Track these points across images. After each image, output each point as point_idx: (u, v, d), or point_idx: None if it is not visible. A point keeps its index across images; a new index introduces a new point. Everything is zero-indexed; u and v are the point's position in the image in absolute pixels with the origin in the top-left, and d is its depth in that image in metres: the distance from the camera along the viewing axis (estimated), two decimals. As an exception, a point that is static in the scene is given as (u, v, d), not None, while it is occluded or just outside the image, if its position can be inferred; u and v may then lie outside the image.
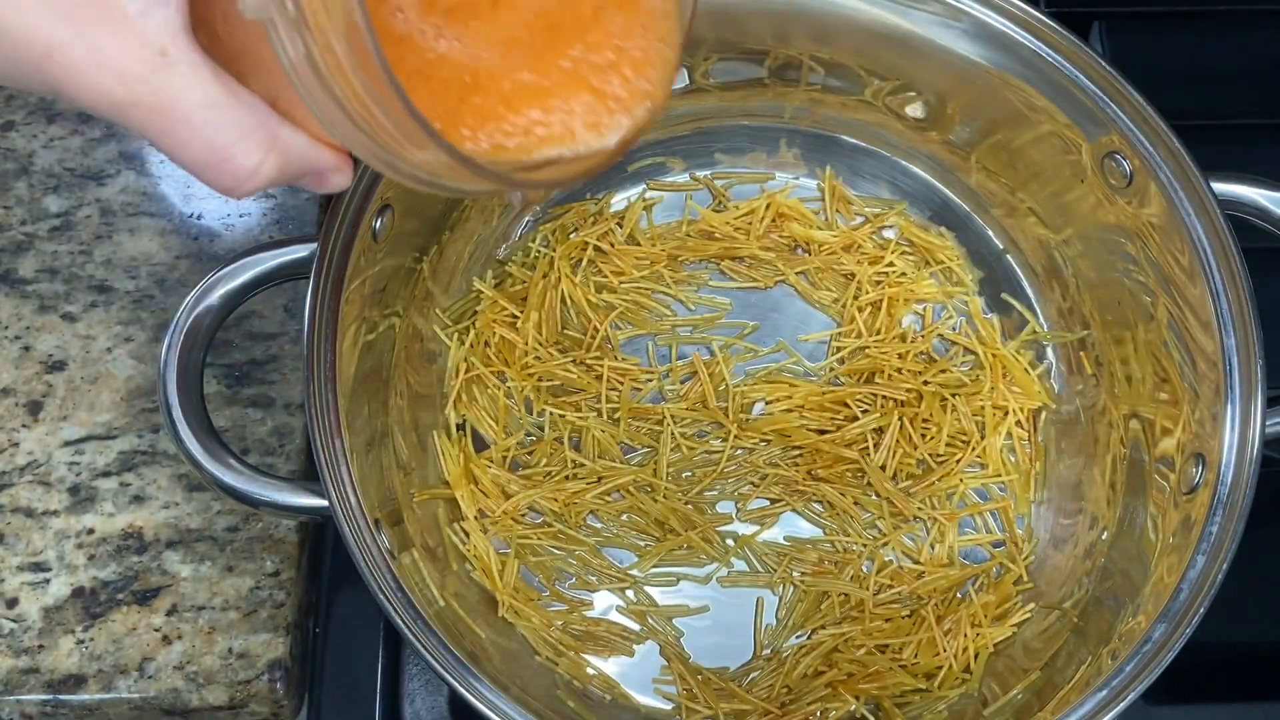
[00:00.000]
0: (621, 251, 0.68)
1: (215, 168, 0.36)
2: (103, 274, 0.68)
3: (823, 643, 0.60)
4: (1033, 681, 0.58)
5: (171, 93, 0.34)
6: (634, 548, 0.63)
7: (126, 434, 0.64)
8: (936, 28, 0.62)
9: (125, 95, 0.34)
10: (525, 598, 0.61)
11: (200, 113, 0.35)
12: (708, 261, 0.69)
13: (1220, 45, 0.77)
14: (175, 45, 0.34)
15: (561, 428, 0.65)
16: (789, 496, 0.63)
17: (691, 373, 0.66)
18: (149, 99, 0.34)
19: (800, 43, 0.66)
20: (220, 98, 0.35)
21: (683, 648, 0.61)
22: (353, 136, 0.35)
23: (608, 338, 0.66)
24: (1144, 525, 0.58)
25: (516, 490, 0.63)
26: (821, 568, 0.62)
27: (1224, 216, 0.56)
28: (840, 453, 0.64)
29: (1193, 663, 0.51)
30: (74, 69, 0.33)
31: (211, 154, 0.36)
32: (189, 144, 0.35)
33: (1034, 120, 0.62)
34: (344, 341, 0.55)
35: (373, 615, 0.61)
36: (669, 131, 0.70)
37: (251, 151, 0.36)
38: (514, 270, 0.68)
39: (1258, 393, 0.54)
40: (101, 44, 0.33)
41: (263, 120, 0.36)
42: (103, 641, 0.60)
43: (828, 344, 0.68)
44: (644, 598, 0.62)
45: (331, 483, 0.51)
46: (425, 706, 0.60)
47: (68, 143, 0.72)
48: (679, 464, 0.64)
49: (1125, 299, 0.62)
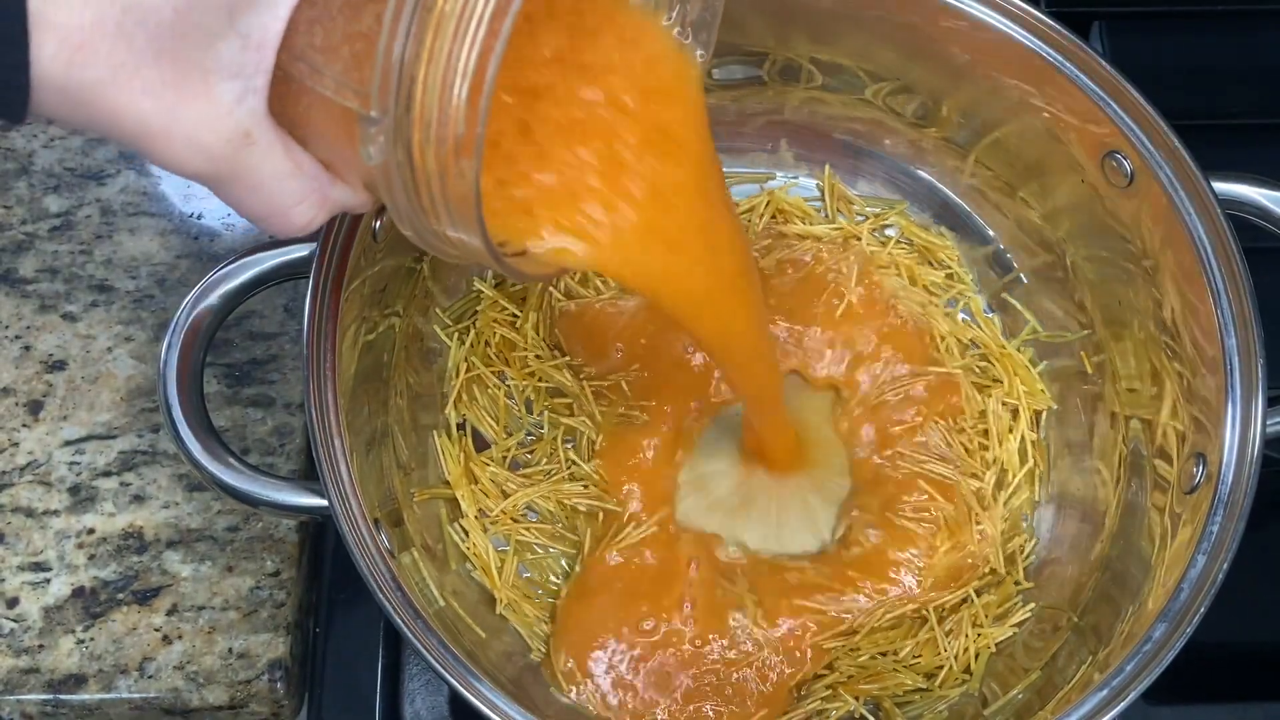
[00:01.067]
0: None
1: (270, 220, 0.40)
2: (103, 274, 0.68)
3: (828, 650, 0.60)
4: (1033, 681, 0.58)
5: (249, 167, 0.38)
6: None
7: (127, 434, 0.64)
8: (936, 27, 0.62)
9: (208, 169, 0.37)
10: (523, 595, 0.61)
11: (270, 183, 0.38)
12: None
13: (1220, 45, 0.77)
14: (259, 128, 0.37)
15: (558, 428, 0.65)
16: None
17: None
18: (228, 172, 0.37)
19: (799, 44, 0.66)
20: (288, 171, 0.39)
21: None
22: (411, 227, 0.40)
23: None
24: (1144, 525, 0.58)
25: (515, 489, 0.63)
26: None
27: (1224, 216, 0.56)
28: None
29: (1193, 663, 0.51)
30: (166, 144, 0.36)
31: (271, 213, 0.40)
32: (254, 204, 0.40)
33: (1034, 120, 0.62)
34: (344, 341, 0.55)
35: (373, 615, 0.61)
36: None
37: (306, 211, 0.40)
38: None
39: (1258, 392, 0.54)
40: (194, 127, 0.36)
41: (319, 185, 0.40)
42: (103, 641, 0.60)
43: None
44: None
45: (331, 483, 0.51)
46: (425, 706, 0.60)
47: (68, 142, 0.72)
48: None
49: (1125, 298, 0.62)
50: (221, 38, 0.35)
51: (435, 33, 0.36)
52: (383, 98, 0.36)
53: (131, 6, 0.33)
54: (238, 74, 0.36)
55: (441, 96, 0.36)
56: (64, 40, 0.32)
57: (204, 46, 0.34)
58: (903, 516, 0.61)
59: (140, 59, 0.33)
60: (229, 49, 0.35)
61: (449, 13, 0.35)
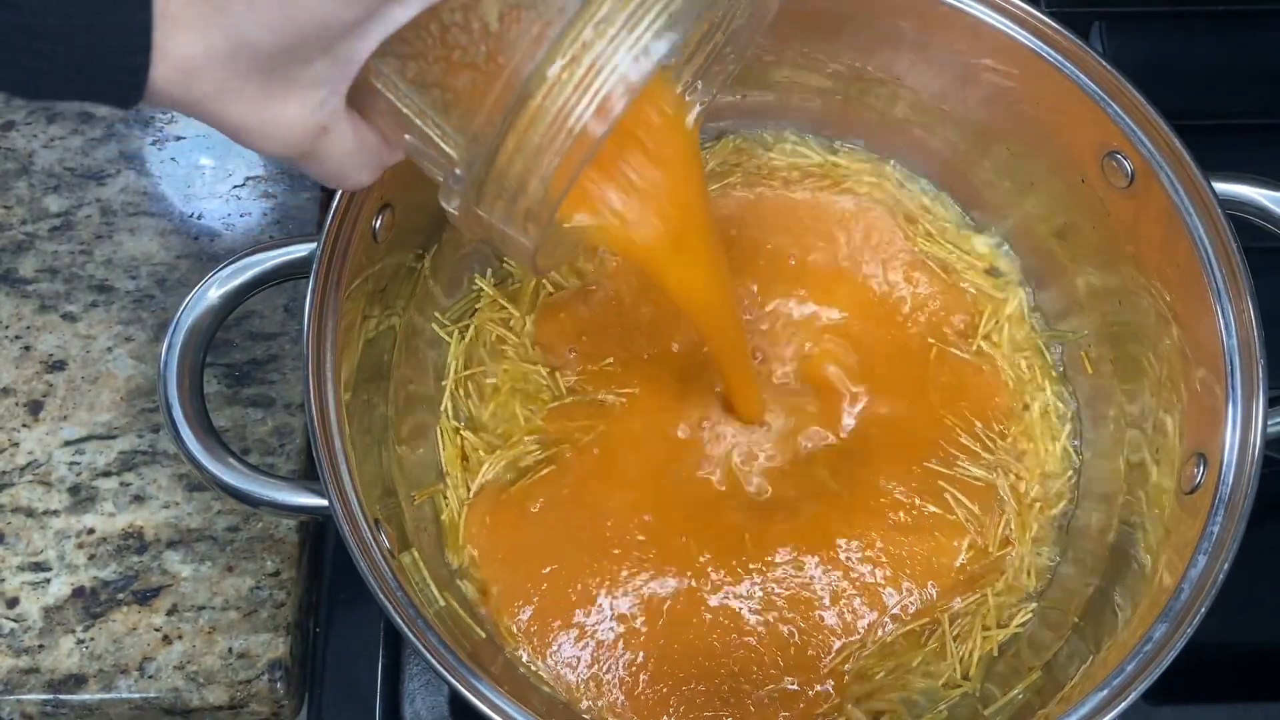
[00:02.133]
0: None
1: (332, 182, 0.45)
2: (103, 274, 0.68)
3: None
4: (1033, 681, 0.58)
5: (322, 151, 0.42)
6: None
7: (127, 434, 0.64)
8: (935, 28, 0.62)
9: (288, 153, 0.41)
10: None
11: (337, 159, 0.43)
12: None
13: (1220, 45, 0.77)
14: (334, 121, 0.41)
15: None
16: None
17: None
18: (304, 155, 0.42)
19: (798, 45, 0.66)
20: (354, 150, 0.43)
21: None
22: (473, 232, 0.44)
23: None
24: (1145, 525, 0.58)
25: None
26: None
27: (1225, 216, 0.56)
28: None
29: (1193, 663, 0.51)
30: (258, 140, 0.40)
31: (334, 178, 0.44)
32: (320, 173, 0.44)
33: (1034, 119, 0.62)
34: (344, 341, 0.55)
35: (373, 615, 0.61)
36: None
37: (364, 178, 0.45)
38: (515, 269, 0.68)
39: (1259, 393, 0.54)
40: (282, 128, 0.40)
41: (378, 156, 0.44)
42: (103, 641, 0.60)
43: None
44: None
45: (331, 483, 0.51)
46: (425, 706, 0.60)
47: (68, 142, 0.72)
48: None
49: (1126, 298, 0.62)
50: (316, 61, 0.38)
51: (530, 124, 0.39)
52: (466, 165, 0.41)
53: (241, 43, 0.36)
54: (324, 84, 0.40)
55: (522, 182, 0.40)
56: (178, 67, 0.36)
57: (299, 67, 0.38)
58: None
59: (243, 81, 0.37)
60: (320, 67, 0.39)
61: (545, 110, 0.39)
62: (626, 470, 0.62)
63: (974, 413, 0.65)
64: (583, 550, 0.61)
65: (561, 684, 0.59)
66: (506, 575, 0.60)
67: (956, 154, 0.68)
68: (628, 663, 0.59)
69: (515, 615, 0.60)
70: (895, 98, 0.67)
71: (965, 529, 0.62)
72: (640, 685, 0.59)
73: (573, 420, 0.64)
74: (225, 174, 0.71)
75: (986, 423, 0.65)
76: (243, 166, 0.72)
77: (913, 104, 0.67)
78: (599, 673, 0.59)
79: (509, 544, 0.61)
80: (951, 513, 0.62)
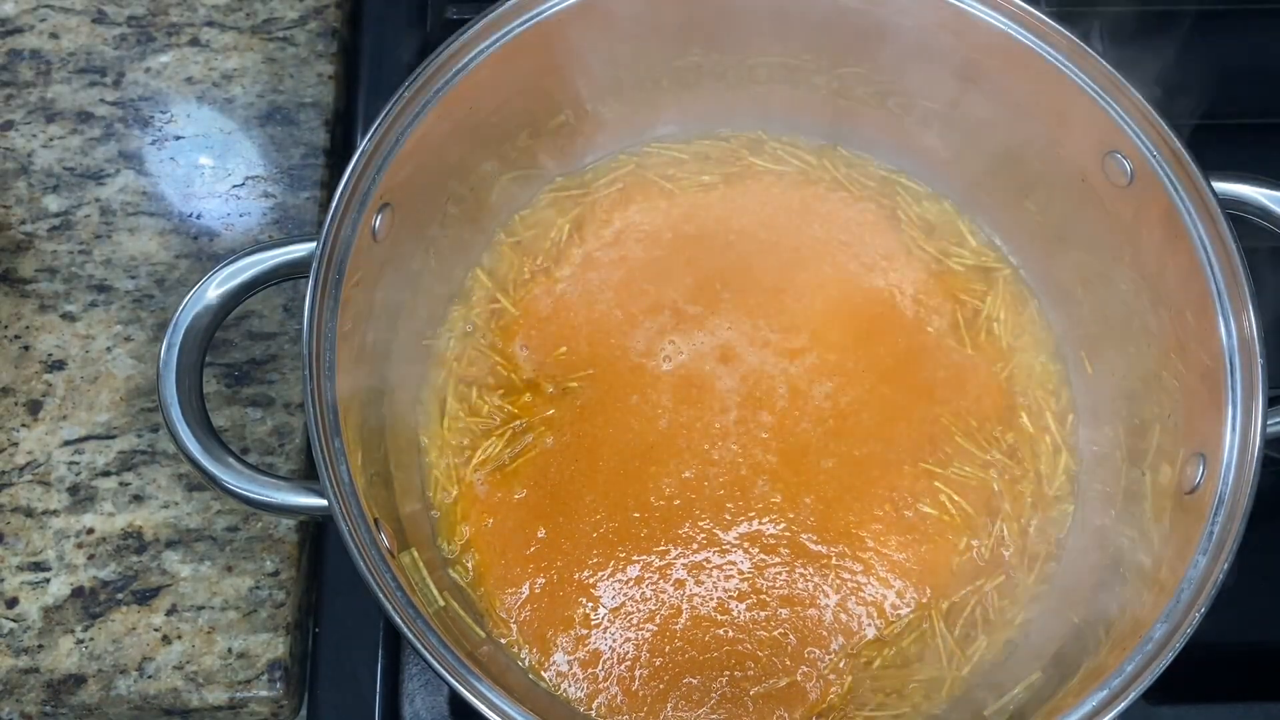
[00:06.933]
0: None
1: None
2: (102, 274, 0.68)
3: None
4: (1033, 681, 0.58)
5: None
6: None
7: (126, 434, 0.64)
8: (935, 27, 0.62)
9: None
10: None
11: None
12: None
13: (1220, 45, 0.77)
14: None
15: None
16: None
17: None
18: None
19: (796, 44, 0.66)
20: None
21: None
22: None
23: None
24: (1145, 525, 0.58)
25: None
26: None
27: (1225, 216, 0.56)
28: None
29: (1193, 663, 0.51)
30: None
31: None
32: None
33: (1035, 119, 0.62)
34: (344, 341, 0.54)
35: (373, 615, 0.61)
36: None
37: None
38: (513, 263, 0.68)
39: (1258, 393, 0.54)
40: None
41: None
42: (102, 641, 0.60)
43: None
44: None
45: (331, 483, 0.51)
46: (425, 706, 0.60)
47: (67, 142, 0.72)
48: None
49: (1126, 298, 0.62)
50: None
51: None
52: None
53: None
54: None
55: None
56: None
57: None
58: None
59: None
60: None
61: None
62: (611, 457, 0.63)
63: (970, 411, 0.65)
64: (576, 537, 0.61)
65: (561, 684, 0.59)
66: (499, 560, 0.61)
67: (955, 154, 0.68)
68: (625, 659, 0.59)
69: (509, 600, 0.60)
70: (894, 97, 0.67)
71: (962, 529, 0.62)
72: (637, 682, 0.59)
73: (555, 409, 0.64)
74: (225, 174, 0.71)
75: (983, 421, 0.65)
76: (242, 166, 0.72)
77: (912, 104, 0.67)
78: (597, 672, 0.59)
79: (502, 529, 0.61)
80: (947, 513, 0.62)
